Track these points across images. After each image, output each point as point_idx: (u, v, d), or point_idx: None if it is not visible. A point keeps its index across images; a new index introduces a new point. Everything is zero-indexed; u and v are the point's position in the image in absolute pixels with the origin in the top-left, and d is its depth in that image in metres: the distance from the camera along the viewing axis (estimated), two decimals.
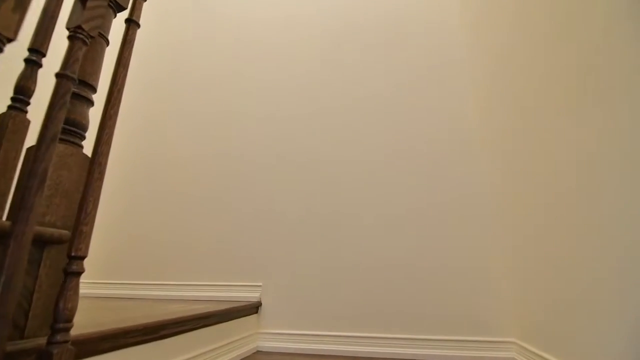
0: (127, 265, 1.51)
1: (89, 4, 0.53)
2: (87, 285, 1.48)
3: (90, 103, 0.64)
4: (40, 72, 0.58)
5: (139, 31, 0.68)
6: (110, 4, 0.66)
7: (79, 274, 0.48)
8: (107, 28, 0.67)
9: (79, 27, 0.51)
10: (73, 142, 0.59)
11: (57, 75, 0.48)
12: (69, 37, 0.51)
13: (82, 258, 0.49)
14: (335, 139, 1.39)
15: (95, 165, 0.52)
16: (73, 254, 0.48)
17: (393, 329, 1.11)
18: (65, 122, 0.60)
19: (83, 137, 0.62)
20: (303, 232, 1.30)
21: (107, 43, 0.68)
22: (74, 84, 0.49)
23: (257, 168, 1.46)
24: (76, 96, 0.61)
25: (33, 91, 0.56)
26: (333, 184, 1.33)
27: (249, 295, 1.25)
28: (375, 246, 1.21)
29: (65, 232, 0.54)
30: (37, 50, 0.56)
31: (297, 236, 1.31)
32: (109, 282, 1.49)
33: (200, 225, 1.46)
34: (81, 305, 1.20)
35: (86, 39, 0.52)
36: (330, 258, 1.24)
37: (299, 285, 1.24)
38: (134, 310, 1.01)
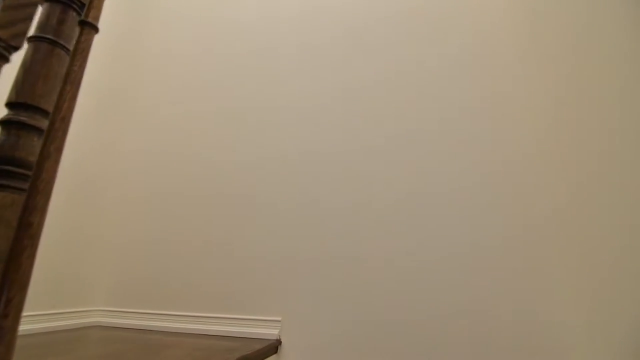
0: (131, 293, 1.41)
1: (7, 1, 0.38)
2: (92, 313, 1.41)
3: (42, 132, 0.50)
4: None
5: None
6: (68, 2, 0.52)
7: None
8: (65, 35, 0.53)
9: None
10: (15, 187, 0.45)
11: None
12: None
13: None
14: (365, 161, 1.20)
15: (24, 227, 0.37)
16: None
17: None
18: (4, 161, 0.47)
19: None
20: (330, 259, 1.12)
21: (68, 54, 0.54)
22: None
23: (275, 187, 1.30)
24: (22, 126, 0.47)
25: None
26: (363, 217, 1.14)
27: (266, 332, 1.09)
28: (422, 278, 1.01)
29: None
30: None
31: (324, 264, 1.12)
32: (113, 310, 1.40)
33: (211, 252, 1.32)
34: (82, 337, 1.04)
35: (5, 52, 0.37)
36: (366, 292, 1.05)
37: (326, 323, 1.06)
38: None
